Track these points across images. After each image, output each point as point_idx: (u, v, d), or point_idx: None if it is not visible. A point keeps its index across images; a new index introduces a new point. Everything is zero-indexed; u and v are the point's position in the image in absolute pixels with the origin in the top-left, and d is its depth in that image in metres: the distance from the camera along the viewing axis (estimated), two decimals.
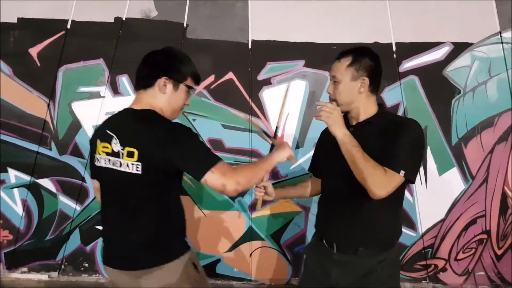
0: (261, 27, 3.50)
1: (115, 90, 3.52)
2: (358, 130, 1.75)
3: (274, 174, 3.46)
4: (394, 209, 1.78)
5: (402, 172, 1.58)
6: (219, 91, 3.46)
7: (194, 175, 1.52)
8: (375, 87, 1.77)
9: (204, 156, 1.55)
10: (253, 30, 3.50)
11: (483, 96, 3.40)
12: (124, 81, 3.51)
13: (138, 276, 1.61)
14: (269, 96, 3.44)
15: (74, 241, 3.55)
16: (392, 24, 3.45)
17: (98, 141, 1.69)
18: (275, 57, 3.47)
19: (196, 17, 3.52)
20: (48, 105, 3.50)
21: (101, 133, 1.69)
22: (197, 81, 1.81)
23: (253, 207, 3.47)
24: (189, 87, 1.75)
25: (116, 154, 1.62)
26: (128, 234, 1.64)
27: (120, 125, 1.65)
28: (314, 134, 3.43)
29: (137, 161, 1.55)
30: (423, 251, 3.45)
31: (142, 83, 1.71)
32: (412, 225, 3.44)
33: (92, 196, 3.52)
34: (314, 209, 3.44)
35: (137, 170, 1.56)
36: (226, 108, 3.45)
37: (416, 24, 3.44)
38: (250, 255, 3.52)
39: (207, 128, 3.45)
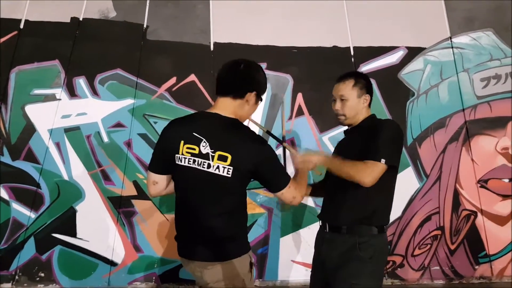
0: (223, 29, 3.51)
1: (72, 93, 3.41)
2: (349, 133, 2.14)
3: None
4: (380, 197, 1.99)
5: (383, 160, 1.85)
6: (181, 94, 3.44)
7: (273, 188, 1.76)
8: (370, 103, 2.12)
9: (284, 173, 1.78)
10: (214, 32, 3.50)
11: (436, 98, 3.58)
12: (81, 83, 3.41)
13: (204, 266, 1.74)
14: None
15: (28, 250, 3.39)
16: (350, 29, 3.57)
17: (182, 142, 1.74)
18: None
19: (157, 18, 3.48)
20: (0, 108, 3.34)
21: (186, 135, 1.74)
22: None
23: None
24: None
25: (204, 156, 1.71)
26: (210, 229, 1.74)
27: (209, 130, 1.74)
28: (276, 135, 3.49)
29: (229, 165, 1.68)
30: None
31: (232, 91, 1.77)
32: None
33: (47, 203, 3.39)
34: (277, 211, 3.50)
35: (227, 174, 1.69)
36: (189, 110, 3.42)
37: (372, 29, 3.58)
38: None
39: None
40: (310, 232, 3.45)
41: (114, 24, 3.45)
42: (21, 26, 3.39)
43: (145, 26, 3.46)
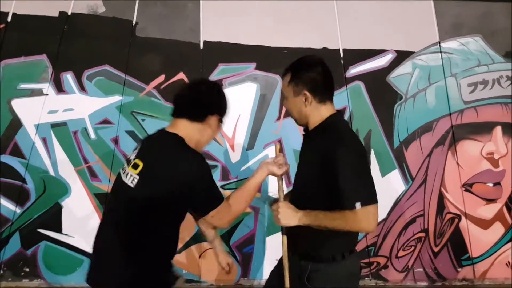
0: (213, 28, 3.49)
1: (59, 88, 3.39)
2: (304, 142, 1.83)
3: (225, 176, 3.47)
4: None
5: (358, 204, 1.51)
6: (169, 92, 3.42)
7: (199, 211, 1.66)
8: (324, 97, 1.69)
9: (211, 195, 1.66)
10: (204, 31, 3.49)
11: (423, 102, 3.59)
12: (68, 78, 3.39)
13: None
14: None
15: (13, 245, 3.37)
16: (340, 31, 3.56)
17: None
18: (227, 59, 3.48)
19: (146, 16, 3.46)
20: None
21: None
22: None
23: None
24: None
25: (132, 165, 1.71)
26: None
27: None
28: (264, 136, 3.50)
29: (137, 174, 1.62)
30: (366, 250, 3.59)
31: (188, 113, 1.72)
32: None
33: (33, 198, 3.37)
34: (263, 210, 3.51)
35: (131, 183, 1.62)
36: None
37: (362, 32, 3.58)
38: (200, 256, 3.51)
39: (157, 129, 3.39)
40: None
41: (103, 20, 3.43)
42: (9, 19, 3.35)
43: (134, 22, 3.44)
